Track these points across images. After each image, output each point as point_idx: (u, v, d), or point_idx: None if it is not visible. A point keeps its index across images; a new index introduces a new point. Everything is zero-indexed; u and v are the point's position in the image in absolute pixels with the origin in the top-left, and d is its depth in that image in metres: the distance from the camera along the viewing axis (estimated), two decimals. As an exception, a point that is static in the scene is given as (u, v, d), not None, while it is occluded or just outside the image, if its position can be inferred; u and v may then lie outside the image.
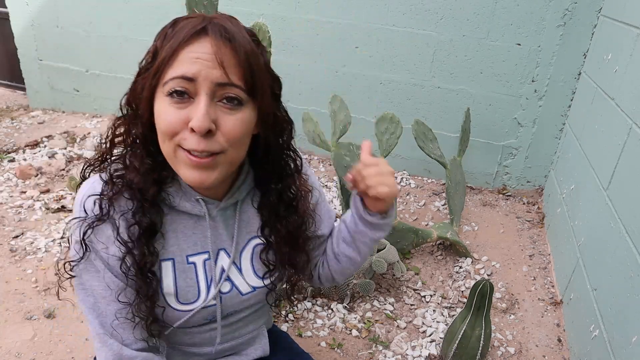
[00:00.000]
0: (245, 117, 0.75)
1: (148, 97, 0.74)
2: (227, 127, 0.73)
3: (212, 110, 0.71)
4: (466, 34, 2.56)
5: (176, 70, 0.70)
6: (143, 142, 0.77)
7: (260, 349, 1.02)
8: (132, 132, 0.78)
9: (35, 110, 3.66)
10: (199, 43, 0.70)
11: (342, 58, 2.84)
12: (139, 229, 0.77)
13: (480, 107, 2.67)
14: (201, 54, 0.70)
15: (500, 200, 2.74)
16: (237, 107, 0.73)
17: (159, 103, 0.73)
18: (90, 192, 0.78)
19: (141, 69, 0.75)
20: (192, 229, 0.85)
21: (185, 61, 0.70)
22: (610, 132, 1.72)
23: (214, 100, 0.72)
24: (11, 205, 2.35)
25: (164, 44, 0.72)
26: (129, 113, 0.78)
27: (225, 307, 0.89)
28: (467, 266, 2.12)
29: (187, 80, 0.70)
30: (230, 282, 0.89)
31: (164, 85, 0.71)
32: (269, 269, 0.91)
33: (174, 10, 3.04)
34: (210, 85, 0.70)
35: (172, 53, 0.70)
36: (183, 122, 0.71)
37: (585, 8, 2.32)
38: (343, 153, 1.87)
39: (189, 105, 0.71)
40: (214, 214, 0.86)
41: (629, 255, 1.35)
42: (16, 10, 3.40)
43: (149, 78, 0.72)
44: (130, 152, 0.79)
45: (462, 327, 1.52)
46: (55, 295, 1.79)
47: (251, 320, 0.98)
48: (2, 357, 1.52)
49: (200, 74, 0.69)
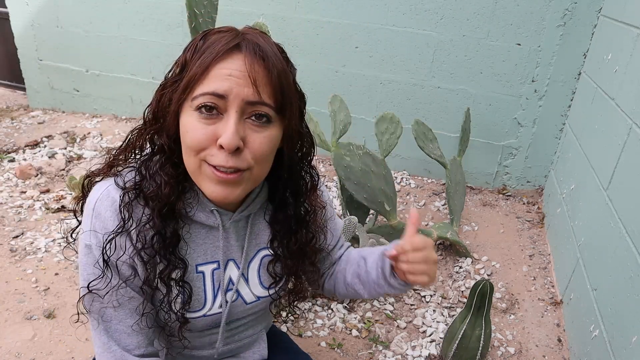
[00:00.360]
0: (273, 135, 0.75)
1: (175, 111, 0.73)
2: (255, 145, 0.72)
3: (241, 128, 0.71)
4: (466, 34, 2.56)
5: (207, 86, 0.69)
6: (169, 154, 0.76)
7: (259, 353, 1.03)
8: (157, 142, 0.78)
9: (35, 110, 3.66)
10: (231, 59, 0.70)
11: (342, 58, 2.84)
12: (161, 239, 0.76)
13: (480, 107, 2.67)
14: (234, 70, 0.69)
15: (500, 200, 2.74)
16: (266, 125, 0.73)
17: (187, 117, 0.72)
18: (105, 197, 0.76)
19: (168, 80, 0.75)
20: (204, 238, 0.84)
21: (217, 77, 0.69)
22: (610, 132, 1.72)
23: (242, 117, 0.71)
24: (11, 205, 2.35)
25: (194, 58, 0.71)
26: (153, 123, 0.77)
27: (229, 315, 0.90)
28: (467, 266, 2.12)
29: (217, 97, 0.69)
30: (237, 292, 0.89)
31: (192, 100, 0.70)
32: (275, 280, 0.91)
33: (174, 10, 3.05)
34: (241, 103, 0.70)
35: (204, 69, 0.69)
36: (211, 138, 0.70)
37: (585, 8, 2.32)
38: (343, 153, 1.87)
39: (217, 121, 0.70)
40: (227, 225, 0.85)
41: (629, 255, 1.35)
42: (16, 10, 3.40)
43: (179, 92, 0.71)
44: (151, 161, 0.78)
45: (462, 327, 1.52)
46: (55, 295, 1.79)
47: (251, 325, 0.98)
48: (2, 357, 1.52)
49: (231, 92, 0.69)
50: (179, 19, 3.07)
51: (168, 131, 0.75)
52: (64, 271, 1.92)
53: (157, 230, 0.76)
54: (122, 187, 0.76)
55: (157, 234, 0.76)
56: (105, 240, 0.74)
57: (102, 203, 0.75)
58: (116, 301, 0.77)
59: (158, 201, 0.75)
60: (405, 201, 2.67)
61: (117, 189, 0.76)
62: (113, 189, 0.77)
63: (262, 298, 0.92)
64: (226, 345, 0.96)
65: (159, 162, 0.77)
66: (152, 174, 0.76)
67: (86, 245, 0.76)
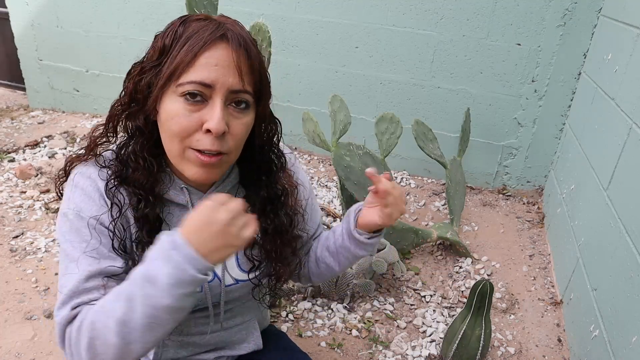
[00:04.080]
0: (249, 121, 0.79)
1: (157, 96, 0.75)
2: (236, 130, 0.77)
3: (225, 114, 0.74)
4: (466, 34, 2.56)
5: (195, 74, 0.72)
6: (148, 136, 0.79)
7: (253, 343, 1.03)
8: (133, 125, 0.79)
9: (35, 110, 3.66)
10: (218, 49, 0.73)
11: (342, 58, 2.84)
12: (144, 223, 0.79)
13: (480, 107, 2.67)
14: (220, 60, 0.72)
15: (500, 200, 2.74)
16: (245, 111, 0.77)
17: (171, 103, 0.74)
18: (84, 172, 0.80)
19: (146, 65, 0.76)
20: (177, 217, 0.86)
21: (204, 66, 0.72)
22: (610, 132, 1.72)
23: (225, 104, 0.75)
24: (11, 205, 2.35)
25: (177, 45, 0.73)
26: (130, 106, 0.78)
27: (210, 295, 0.90)
28: (467, 266, 2.12)
29: (204, 86, 0.72)
30: (213, 272, 0.89)
31: (177, 87, 0.73)
32: (254, 264, 0.92)
33: (174, 10, 3.05)
34: (226, 91, 0.73)
35: (192, 57, 0.72)
36: (197, 124, 0.73)
37: (585, 8, 2.32)
38: (343, 153, 1.87)
39: (202, 107, 0.74)
40: (195, 204, 0.86)
41: (629, 255, 1.35)
42: (16, 10, 3.40)
43: (163, 78, 0.73)
44: (129, 145, 0.80)
45: (462, 327, 1.52)
46: (55, 295, 1.79)
47: (239, 312, 0.99)
48: (2, 357, 1.52)
49: (218, 81, 0.72)
50: (179, 19, 3.07)
51: (147, 115, 0.77)
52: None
53: (142, 214, 0.79)
54: (102, 165, 0.80)
55: (142, 218, 0.79)
56: (89, 216, 0.77)
57: (81, 177, 0.79)
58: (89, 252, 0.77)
59: (140, 186, 0.79)
60: (405, 201, 2.67)
61: (98, 168, 0.80)
62: (93, 167, 0.80)
63: (240, 281, 0.93)
64: (217, 332, 0.96)
65: (137, 145, 0.79)
66: (134, 158, 0.79)
67: (64, 213, 0.78)
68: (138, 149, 0.79)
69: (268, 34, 1.68)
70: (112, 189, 0.78)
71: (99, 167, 0.80)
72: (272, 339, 1.11)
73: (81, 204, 0.77)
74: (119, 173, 0.79)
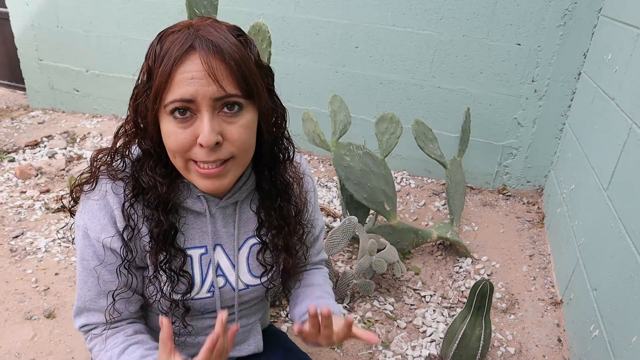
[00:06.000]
0: (248, 121, 0.77)
1: (153, 119, 0.76)
2: (234, 136, 0.75)
3: (216, 123, 0.74)
4: (466, 34, 2.56)
5: (174, 93, 0.72)
6: (156, 157, 0.80)
7: (254, 345, 1.04)
8: (143, 144, 0.81)
9: (35, 110, 3.66)
10: (189, 61, 0.71)
11: (342, 58, 2.84)
12: (159, 232, 0.82)
13: (480, 107, 2.67)
14: (194, 72, 0.71)
15: (500, 200, 2.74)
16: (238, 113, 0.75)
17: (165, 123, 0.75)
18: (99, 189, 0.82)
19: (140, 90, 0.77)
20: (192, 224, 0.87)
21: (180, 83, 0.71)
22: (610, 132, 1.72)
23: (215, 112, 0.74)
24: (11, 205, 2.35)
25: (156, 65, 0.73)
26: (137, 131, 0.80)
27: (220, 300, 0.92)
28: (467, 266, 2.12)
29: (186, 102, 0.72)
30: (224, 278, 0.91)
31: (165, 107, 0.73)
32: (266, 268, 0.94)
33: (174, 10, 3.05)
34: (209, 101, 0.72)
35: (167, 77, 0.71)
36: (191, 139, 0.74)
37: (585, 8, 2.32)
38: (343, 153, 1.87)
39: (194, 121, 0.74)
40: (213, 211, 0.88)
41: (629, 255, 1.35)
42: (16, 10, 3.40)
43: (150, 102, 0.74)
44: (141, 165, 0.82)
45: (462, 327, 1.52)
46: (55, 295, 1.79)
47: (244, 315, 1.00)
48: (2, 357, 1.52)
49: (198, 94, 0.71)
50: (179, 19, 3.03)
51: (151, 137, 0.78)
52: (64, 271, 1.92)
53: (157, 224, 0.82)
54: (118, 182, 0.82)
55: (157, 227, 0.81)
56: (94, 238, 0.82)
57: (93, 193, 0.82)
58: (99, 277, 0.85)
59: (155, 206, 0.81)
60: (405, 201, 2.67)
61: (109, 180, 0.82)
62: (106, 181, 0.82)
63: (251, 286, 0.94)
64: None
65: (148, 165, 0.81)
66: (145, 180, 0.81)
67: (76, 225, 0.84)
68: (149, 171, 0.81)
69: (268, 34, 1.67)
70: (127, 209, 0.81)
71: (113, 180, 0.82)
72: (272, 339, 1.12)
73: (89, 223, 0.81)
74: (133, 188, 0.81)
